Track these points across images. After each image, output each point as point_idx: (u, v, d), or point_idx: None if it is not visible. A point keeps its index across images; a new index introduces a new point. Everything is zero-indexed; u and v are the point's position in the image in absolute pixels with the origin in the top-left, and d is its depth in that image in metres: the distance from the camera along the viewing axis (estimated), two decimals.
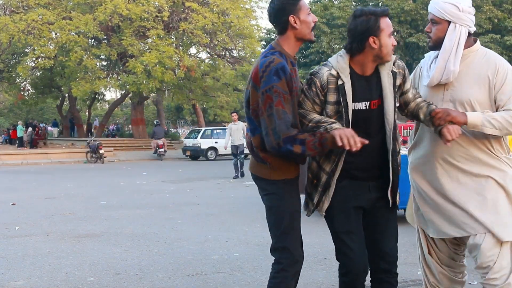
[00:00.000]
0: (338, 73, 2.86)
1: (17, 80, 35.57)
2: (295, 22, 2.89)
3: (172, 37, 28.87)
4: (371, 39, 2.77)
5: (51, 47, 26.71)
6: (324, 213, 3.07)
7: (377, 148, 2.97)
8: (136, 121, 32.74)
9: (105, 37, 28.26)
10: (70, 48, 26.14)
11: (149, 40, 28.02)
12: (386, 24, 2.82)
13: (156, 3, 26.52)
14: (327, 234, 7.12)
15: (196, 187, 13.00)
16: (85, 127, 38.85)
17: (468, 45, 3.05)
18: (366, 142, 2.76)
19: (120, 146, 29.47)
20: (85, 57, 26.38)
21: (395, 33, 25.75)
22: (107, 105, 47.98)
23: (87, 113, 44.14)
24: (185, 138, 30.05)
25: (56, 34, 26.96)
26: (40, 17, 26.24)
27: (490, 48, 23.63)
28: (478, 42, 3.09)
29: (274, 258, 3.05)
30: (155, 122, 32.56)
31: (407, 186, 7.83)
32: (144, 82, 26.51)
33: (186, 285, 4.74)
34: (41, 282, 4.89)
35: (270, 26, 38.15)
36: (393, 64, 2.95)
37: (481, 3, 24.39)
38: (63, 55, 26.71)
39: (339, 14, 26.24)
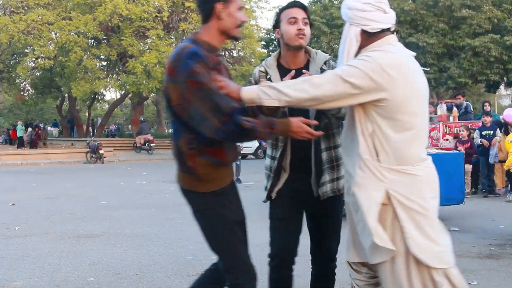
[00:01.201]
0: (265, 68, 3.13)
1: (17, 80, 35.58)
2: (221, 12, 2.66)
3: (172, 37, 28.87)
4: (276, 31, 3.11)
5: (51, 48, 26.72)
6: (275, 195, 3.12)
7: (307, 141, 2.90)
8: (136, 121, 32.75)
9: (105, 37, 28.26)
10: (70, 49, 26.14)
11: (149, 40, 28.03)
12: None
13: (156, 3, 26.51)
14: None
15: None
16: (84, 127, 38.86)
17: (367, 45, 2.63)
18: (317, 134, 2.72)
19: (120, 146, 29.47)
20: (84, 57, 26.39)
21: (395, 33, 25.77)
22: (107, 105, 47.99)
23: (86, 113, 44.15)
24: None
25: (56, 34, 26.97)
26: (40, 17, 26.24)
27: (490, 49, 23.64)
28: (381, 41, 2.63)
29: (228, 281, 2.69)
30: (141, 118, 33.21)
31: None
32: (144, 82, 26.51)
33: (186, 285, 4.74)
34: (41, 282, 4.89)
35: (270, 26, 38.11)
36: (325, 63, 3.07)
37: (481, 3, 24.36)
38: (63, 56, 26.71)
39: (339, 14, 26.20)
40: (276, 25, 3.09)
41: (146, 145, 27.10)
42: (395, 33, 2.61)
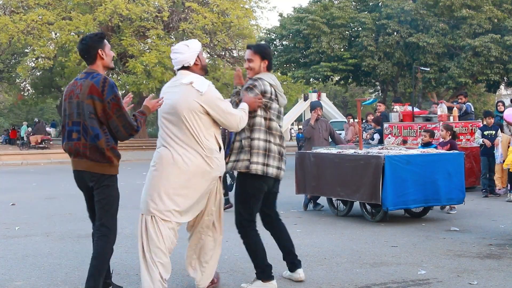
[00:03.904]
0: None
1: (17, 80, 35.61)
2: (102, 54, 4.04)
3: (172, 37, 28.87)
4: None
5: (51, 48, 26.70)
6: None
7: None
8: None
9: None
10: (70, 49, 26.11)
11: (149, 40, 28.03)
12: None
13: (156, 3, 26.51)
14: (327, 234, 7.08)
15: None
16: None
17: None
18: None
19: (120, 146, 29.24)
20: None
21: (395, 33, 25.71)
22: None
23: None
24: None
25: (56, 34, 26.95)
26: (40, 17, 26.22)
27: (490, 48, 23.60)
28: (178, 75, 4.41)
29: (100, 231, 4.23)
30: (35, 119, 36.18)
31: (407, 186, 7.83)
32: (144, 82, 26.50)
33: (187, 285, 4.74)
34: (41, 282, 4.89)
35: (270, 26, 38.14)
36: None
37: (481, 3, 24.35)
38: (63, 56, 26.69)
39: (339, 14, 26.20)
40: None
41: (43, 143, 28.45)
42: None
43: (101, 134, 3.93)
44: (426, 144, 8.83)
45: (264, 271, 4.46)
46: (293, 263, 4.72)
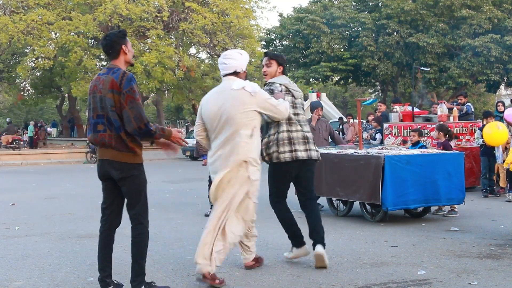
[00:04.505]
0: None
1: (17, 80, 35.57)
2: (125, 50, 4.30)
3: (172, 37, 28.85)
4: None
5: (51, 48, 26.68)
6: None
7: None
8: None
9: None
10: (70, 49, 26.10)
11: (149, 40, 28.01)
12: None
13: (156, 3, 26.50)
14: (327, 234, 7.09)
15: (196, 187, 12.97)
16: (85, 127, 38.87)
17: None
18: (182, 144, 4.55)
19: None
20: (84, 57, 26.36)
21: (395, 33, 25.71)
22: None
23: (86, 113, 44.13)
24: (185, 138, 30.02)
25: (55, 34, 26.94)
26: (40, 17, 26.19)
27: (490, 48, 23.58)
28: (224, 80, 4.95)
29: (135, 219, 4.28)
30: (8, 119, 36.35)
31: (407, 186, 7.81)
32: (144, 82, 26.48)
33: (186, 285, 4.75)
34: (41, 282, 4.89)
35: (270, 26, 38.14)
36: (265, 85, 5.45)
37: (481, 3, 24.38)
38: (63, 56, 26.67)
39: (339, 14, 26.24)
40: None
41: (14, 143, 28.50)
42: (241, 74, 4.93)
43: (122, 126, 4.13)
44: (415, 144, 8.74)
45: (292, 238, 5.37)
46: (315, 240, 5.26)
